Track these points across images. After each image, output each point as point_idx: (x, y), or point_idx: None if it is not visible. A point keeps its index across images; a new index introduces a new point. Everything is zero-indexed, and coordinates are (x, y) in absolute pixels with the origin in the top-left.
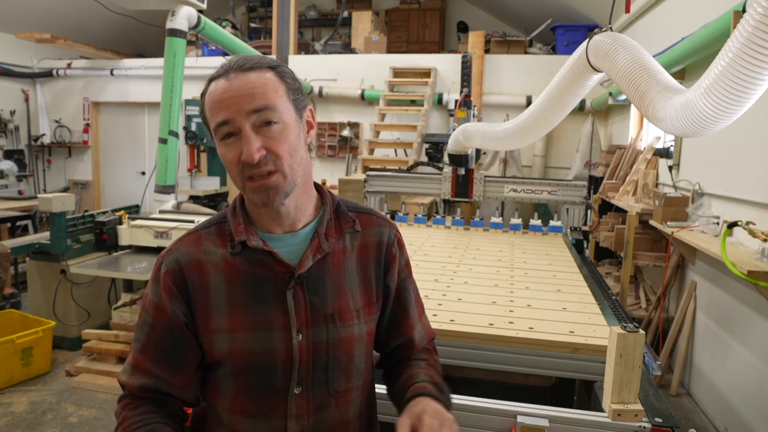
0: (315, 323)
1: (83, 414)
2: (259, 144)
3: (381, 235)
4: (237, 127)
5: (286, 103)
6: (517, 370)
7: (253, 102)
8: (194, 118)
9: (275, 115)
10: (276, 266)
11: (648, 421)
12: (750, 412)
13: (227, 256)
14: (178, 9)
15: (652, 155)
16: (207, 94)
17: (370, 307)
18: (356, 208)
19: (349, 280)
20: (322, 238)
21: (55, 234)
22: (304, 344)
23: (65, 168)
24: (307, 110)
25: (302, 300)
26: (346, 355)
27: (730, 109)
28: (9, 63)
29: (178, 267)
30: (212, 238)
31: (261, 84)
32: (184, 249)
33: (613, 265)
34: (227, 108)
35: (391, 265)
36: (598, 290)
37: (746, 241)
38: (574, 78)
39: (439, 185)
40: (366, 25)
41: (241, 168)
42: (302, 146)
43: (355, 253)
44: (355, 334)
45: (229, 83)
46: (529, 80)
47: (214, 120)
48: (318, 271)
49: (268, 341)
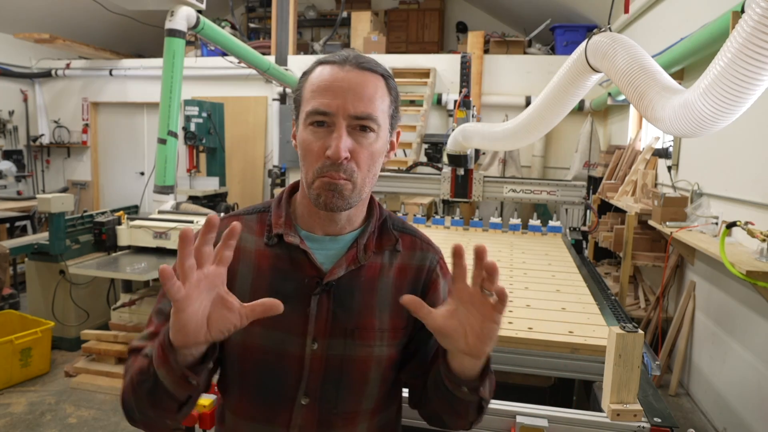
0: (333, 335)
1: (82, 414)
2: (348, 146)
3: (423, 259)
4: (332, 121)
5: (385, 117)
6: (517, 370)
7: (359, 105)
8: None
9: (374, 124)
10: (307, 267)
11: (647, 421)
12: (749, 411)
13: (261, 246)
14: (177, 9)
15: (651, 155)
16: (313, 74)
17: (396, 331)
18: (402, 227)
19: (380, 298)
20: (361, 249)
21: (54, 234)
22: (318, 354)
23: (64, 168)
24: (396, 131)
25: (326, 308)
26: (360, 375)
27: (729, 109)
28: (7, 63)
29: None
30: (252, 224)
31: (372, 88)
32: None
33: (612, 265)
34: (333, 98)
35: (431, 290)
36: (597, 290)
37: (745, 241)
38: (573, 78)
39: (438, 185)
40: (365, 25)
41: (322, 163)
42: (380, 163)
43: (393, 273)
44: (374, 355)
45: (344, 73)
46: (528, 80)
47: (312, 104)
48: (349, 282)
49: (281, 342)
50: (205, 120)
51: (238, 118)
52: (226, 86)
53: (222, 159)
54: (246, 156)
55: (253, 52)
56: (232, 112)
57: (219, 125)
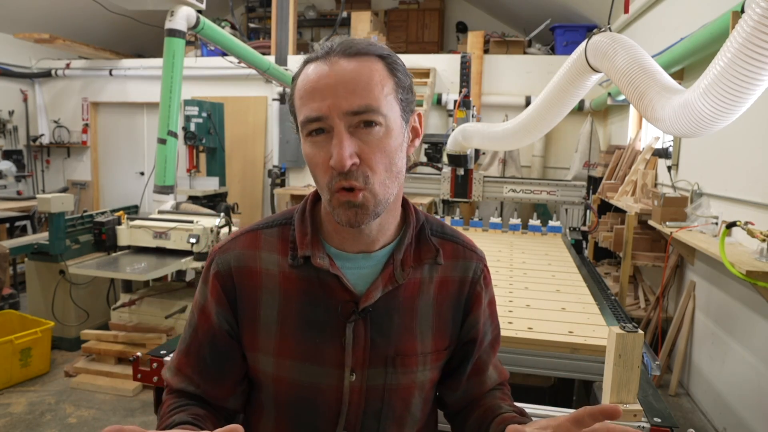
0: (373, 364)
1: (82, 414)
2: (352, 149)
3: (466, 270)
4: (329, 125)
5: (392, 103)
6: (516, 370)
7: (353, 99)
8: (193, 119)
9: (378, 116)
10: (340, 292)
11: (647, 421)
12: (749, 411)
13: (285, 268)
14: (177, 9)
15: (651, 155)
16: (299, 78)
17: (439, 353)
18: (441, 233)
19: (420, 319)
20: (398, 266)
21: (53, 234)
22: (356, 386)
23: (64, 168)
24: (416, 114)
25: (362, 336)
26: (402, 403)
27: (729, 109)
28: (7, 63)
29: (229, 270)
30: (272, 240)
31: (366, 75)
32: (239, 250)
33: (612, 265)
34: (321, 100)
35: (474, 307)
36: (597, 290)
37: (745, 241)
38: (573, 78)
39: (438, 185)
40: (365, 25)
41: (330, 177)
42: (402, 157)
43: (434, 288)
44: (417, 382)
45: (329, 68)
46: (528, 80)
47: (303, 113)
48: (386, 305)
49: (316, 376)
50: (205, 120)
51: (238, 118)
52: (226, 86)
53: (222, 159)
54: (246, 156)
55: (253, 52)
56: (232, 112)
57: (219, 125)
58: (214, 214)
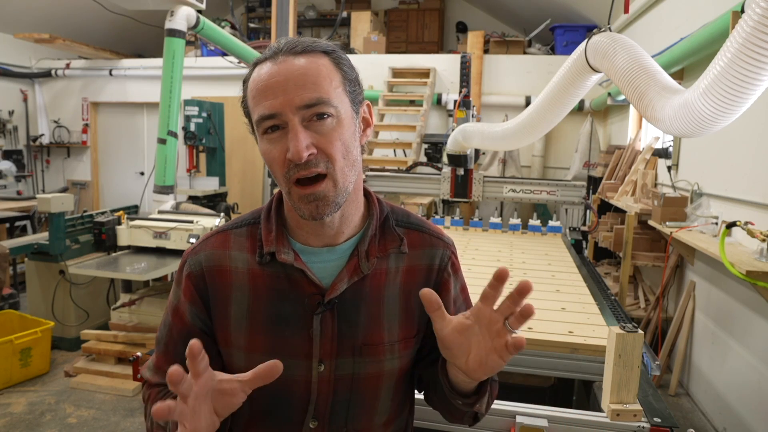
0: (341, 354)
1: (82, 414)
2: (308, 140)
3: (433, 257)
4: (283, 121)
5: (341, 95)
6: (516, 370)
7: (304, 93)
8: (193, 119)
9: (329, 108)
10: (306, 285)
11: (647, 421)
12: (749, 411)
13: (254, 266)
14: (177, 9)
15: (650, 155)
16: (250, 80)
17: (407, 341)
18: (407, 222)
19: (387, 308)
20: (362, 258)
21: (53, 234)
22: (325, 376)
23: (64, 168)
24: (364, 105)
25: (330, 327)
26: (371, 392)
27: (729, 109)
28: (7, 63)
29: (201, 271)
30: (241, 240)
31: (314, 71)
32: (209, 250)
33: (612, 265)
34: (274, 97)
35: (443, 292)
36: (597, 290)
37: (745, 241)
38: (573, 78)
39: (438, 185)
40: (365, 25)
41: (287, 168)
42: (356, 146)
43: (400, 277)
44: (385, 370)
45: (277, 67)
46: (528, 80)
47: (257, 112)
48: (352, 296)
49: (286, 368)
50: (205, 120)
51: (238, 118)
52: (226, 86)
53: (222, 159)
54: (246, 156)
55: (253, 52)
56: (232, 112)
57: (219, 125)
58: (214, 214)
